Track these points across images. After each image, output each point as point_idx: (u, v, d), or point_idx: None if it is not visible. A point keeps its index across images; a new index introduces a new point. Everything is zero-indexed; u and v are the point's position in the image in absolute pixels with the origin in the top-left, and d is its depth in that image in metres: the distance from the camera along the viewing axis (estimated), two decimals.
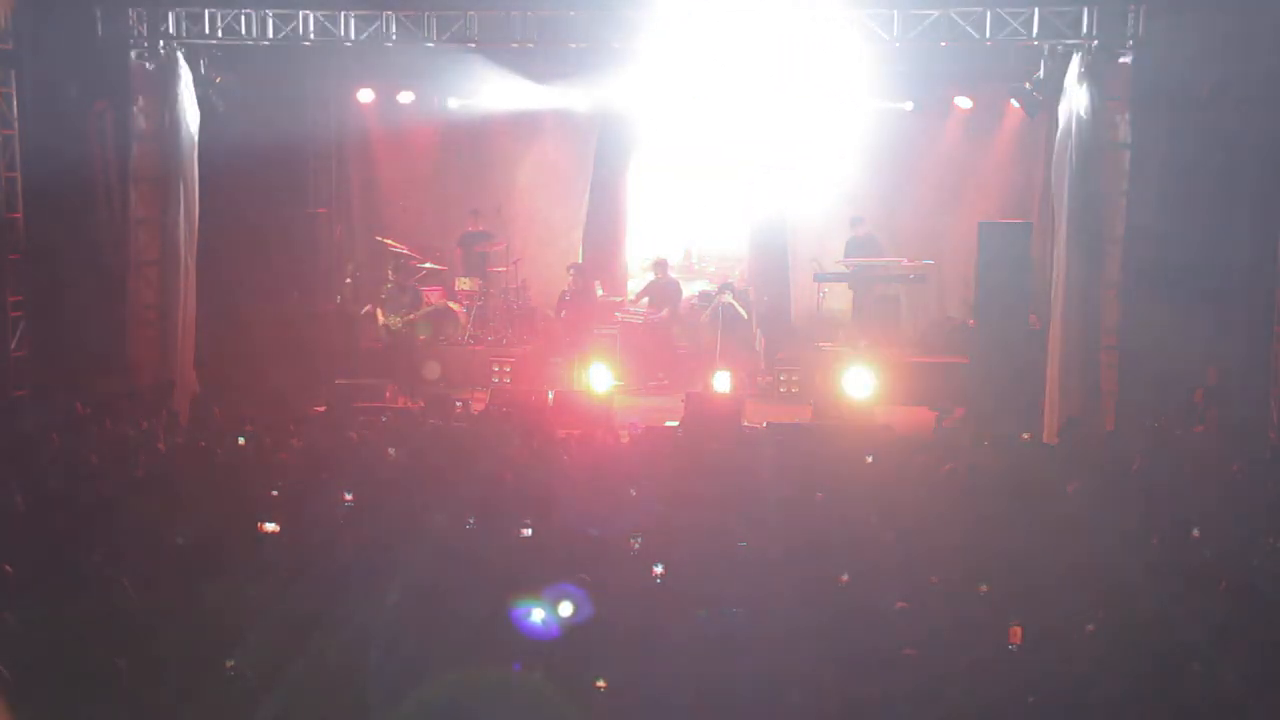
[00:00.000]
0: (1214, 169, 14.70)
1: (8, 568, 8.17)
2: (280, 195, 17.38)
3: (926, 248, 17.69)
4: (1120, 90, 14.05)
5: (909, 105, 17.73)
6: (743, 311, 16.68)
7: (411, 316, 16.35)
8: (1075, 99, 13.95)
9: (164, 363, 14.94)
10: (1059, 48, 14.19)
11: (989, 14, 14.01)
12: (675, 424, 14.35)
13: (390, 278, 16.80)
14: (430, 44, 14.98)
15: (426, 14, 14.72)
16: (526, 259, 18.59)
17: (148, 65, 14.79)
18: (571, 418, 14.44)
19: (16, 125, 14.62)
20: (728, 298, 16.81)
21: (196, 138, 14.88)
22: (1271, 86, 14.06)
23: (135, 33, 14.73)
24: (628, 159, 19.21)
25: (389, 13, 14.72)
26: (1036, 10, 13.94)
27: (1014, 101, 16.20)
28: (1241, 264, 14.98)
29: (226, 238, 15.89)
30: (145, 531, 9.18)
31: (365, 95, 18.25)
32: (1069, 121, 14.05)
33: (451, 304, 17.98)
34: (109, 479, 10.69)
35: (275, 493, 10.32)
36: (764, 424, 14.46)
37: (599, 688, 6.98)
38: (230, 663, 6.96)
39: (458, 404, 14.53)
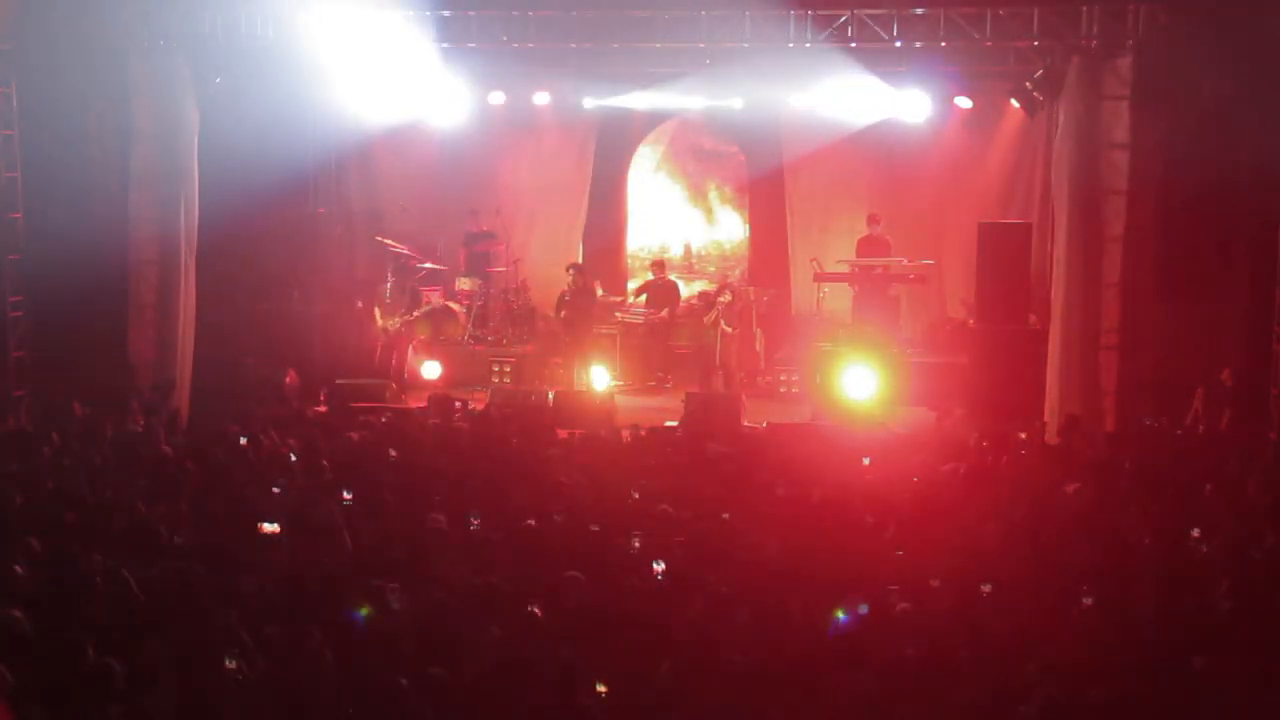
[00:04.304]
0: (1214, 170, 14.69)
1: (18, 568, 8.17)
2: (280, 195, 17.38)
3: (926, 248, 17.69)
4: (1120, 90, 14.05)
5: (910, 105, 17.71)
6: (727, 328, 16.59)
7: (410, 316, 16.36)
8: (1075, 99, 13.96)
9: (164, 363, 14.94)
10: (1059, 48, 14.20)
11: (989, 14, 14.02)
12: (675, 424, 14.35)
13: (390, 278, 16.82)
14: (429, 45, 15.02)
15: (426, 14, 14.73)
16: (526, 259, 18.60)
17: (148, 65, 14.79)
18: (571, 418, 14.44)
19: (16, 125, 14.63)
20: (716, 315, 16.69)
21: (196, 138, 14.89)
22: (1272, 86, 14.05)
23: (135, 33, 14.74)
24: (628, 159, 19.24)
25: (389, 13, 14.73)
26: (1036, 10, 13.95)
27: (1014, 101, 16.20)
28: (1241, 264, 14.98)
29: (226, 238, 15.89)
30: (145, 531, 9.18)
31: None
32: (1069, 121, 14.06)
33: (451, 304, 17.98)
34: (109, 479, 10.70)
35: (276, 491, 10.32)
36: (764, 424, 14.47)
37: (600, 692, 6.97)
38: (231, 663, 6.96)
39: (457, 404, 14.53)
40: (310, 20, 14.65)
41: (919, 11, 14.17)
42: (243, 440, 11.92)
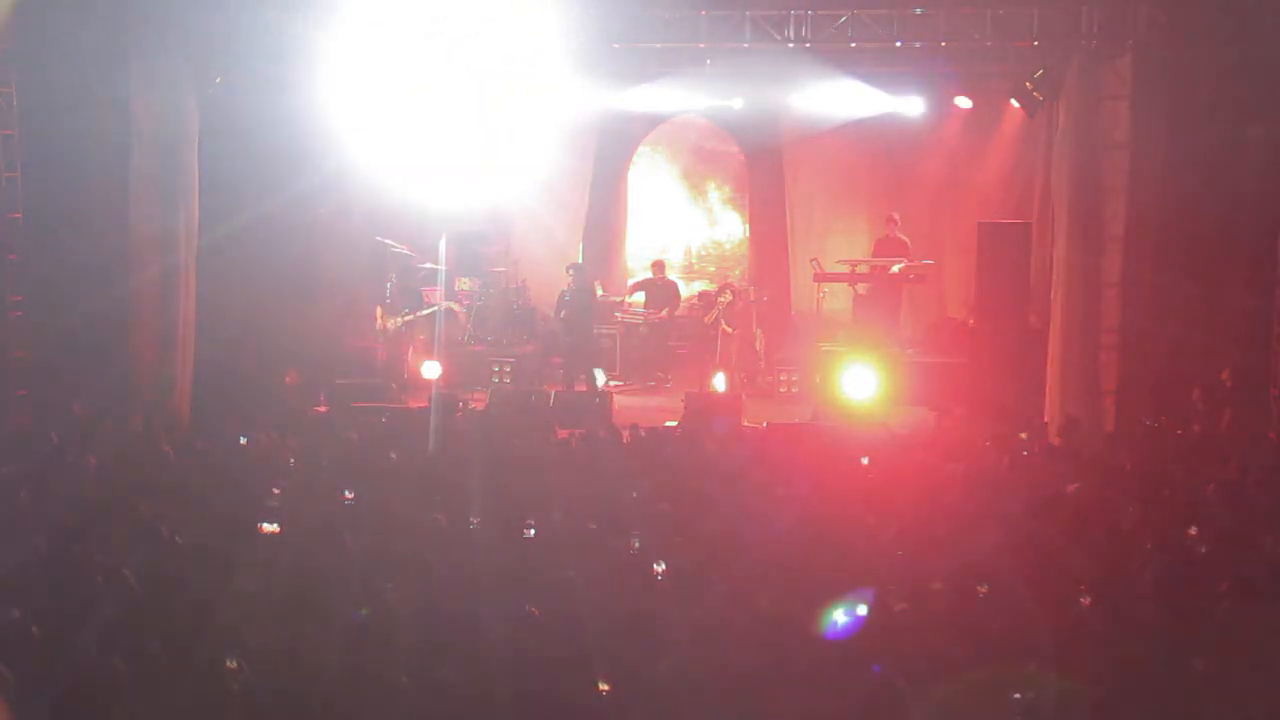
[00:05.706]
0: (1214, 169, 14.69)
1: (19, 567, 8.17)
2: (280, 196, 17.36)
3: (926, 248, 17.70)
4: (1120, 90, 14.06)
5: (910, 105, 17.73)
6: (727, 328, 16.60)
7: (412, 317, 16.38)
8: (1075, 99, 13.97)
9: (164, 363, 14.94)
10: (1059, 48, 14.21)
11: (989, 14, 14.03)
12: (675, 424, 14.36)
13: (391, 278, 16.83)
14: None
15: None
16: (526, 259, 18.59)
17: (148, 65, 14.79)
18: (571, 418, 14.44)
19: (16, 125, 14.62)
20: (716, 315, 16.70)
21: (196, 138, 14.89)
22: (1271, 87, 14.06)
23: (135, 33, 14.73)
24: (628, 159, 19.25)
25: (388, 13, 14.73)
26: (1036, 10, 13.96)
27: (1014, 101, 16.21)
28: (1241, 264, 14.97)
29: (226, 238, 15.88)
30: (145, 531, 9.18)
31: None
32: (1069, 121, 14.06)
33: (452, 304, 17.99)
34: (109, 479, 10.69)
35: (276, 491, 10.33)
36: (764, 424, 14.48)
37: (602, 690, 6.97)
38: (231, 663, 6.96)
39: (458, 404, 14.53)
40: (309, 20, 14.66)
41: (919, 11, 14.18)
42: (243, 440, 11.91)
